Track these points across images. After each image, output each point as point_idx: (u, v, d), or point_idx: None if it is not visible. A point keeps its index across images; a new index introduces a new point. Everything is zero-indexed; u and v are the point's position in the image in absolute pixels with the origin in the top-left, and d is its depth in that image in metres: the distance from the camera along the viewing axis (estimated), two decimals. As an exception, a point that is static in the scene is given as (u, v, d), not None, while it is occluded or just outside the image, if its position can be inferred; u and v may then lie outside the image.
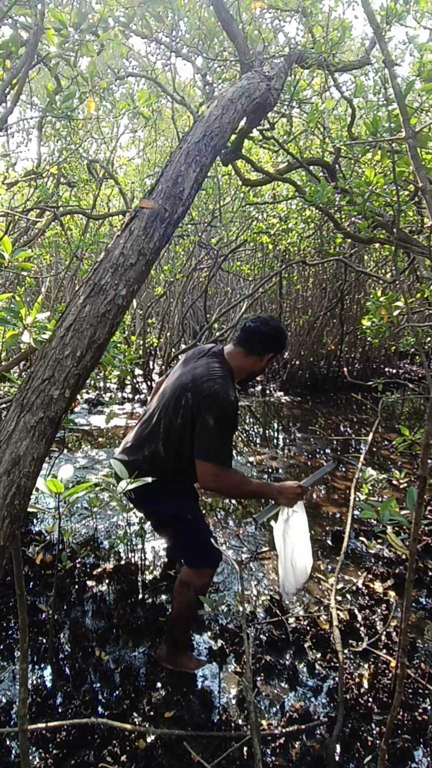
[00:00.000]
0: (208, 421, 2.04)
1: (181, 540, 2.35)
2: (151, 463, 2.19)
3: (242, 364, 2.26)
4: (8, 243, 1.80)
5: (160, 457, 2.18)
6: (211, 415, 2.05)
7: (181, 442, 2.14)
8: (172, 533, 2.42)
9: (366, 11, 1.80)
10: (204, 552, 2.21)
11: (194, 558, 2.27)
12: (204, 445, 2.06)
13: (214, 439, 2.05)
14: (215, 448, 2.06)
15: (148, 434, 2.24)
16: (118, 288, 1.39)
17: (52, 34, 2.24)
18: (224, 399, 2.06)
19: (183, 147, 1.78)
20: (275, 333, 2.26)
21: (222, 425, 2.07)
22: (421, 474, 1.19)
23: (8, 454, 1.20)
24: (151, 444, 2.21)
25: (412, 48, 4.25)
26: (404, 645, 1.32)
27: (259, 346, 2.24)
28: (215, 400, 2.06)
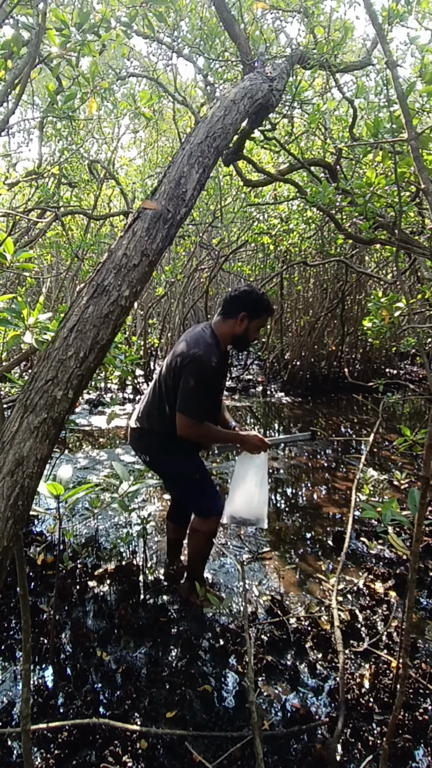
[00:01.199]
0: (189, 381, 2.36)
1: (191, 494, 2.69)
2: (162, 424, 2.52)
3: (224, 330, 2.52)
4: (10, 244, 1.80)
5: (163, 417, 2.51)
6: (192, 376, 2.36)
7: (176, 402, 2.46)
8: (182, 489, 2.75)
9: (368, 12, 1.80)
10: (210, 503, 2.60)
11: (202, 509, 2.63)
12: (183, 400, 2.38)
13: (192, 396, 2.37)
14: (192, 404, 2.38)
15: (152, 401, 2.57)
16: (121, 289, 1.39)
17: (53, 34, 2.24)
18: (205, 362, 2.36)
19: (185, 148, 1.78)
20: (245, 294, 2.50)
21: (199, 385, 2.37)
22: (424, 475, 1.20)
23: (12, 455, 1.21)
24: (157, 409, 2.54)
25: (413, 49, 4.26)
26: (406, 645, 1.32)
27: (232, 308, 2.50)
28: (196, 363, 2.37)
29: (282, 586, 3.06)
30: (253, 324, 2.52)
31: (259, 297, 2.51)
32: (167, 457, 2.61)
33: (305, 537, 3.69)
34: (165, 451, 2.60)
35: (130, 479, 2.65)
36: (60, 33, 2.27)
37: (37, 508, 2.23)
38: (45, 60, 2.58)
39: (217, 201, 6.61)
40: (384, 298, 3.19)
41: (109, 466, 4.79)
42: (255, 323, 2.52)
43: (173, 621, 2.73)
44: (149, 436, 2.61)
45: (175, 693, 2.27)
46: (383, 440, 6.01)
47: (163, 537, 3.60)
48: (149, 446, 2.65)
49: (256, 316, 2.51)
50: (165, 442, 2.57)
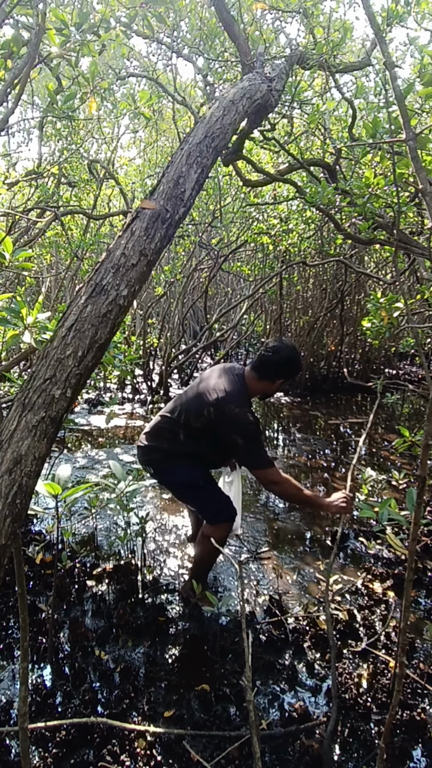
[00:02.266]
0: (238, 441, 2.45)
1: (199, 501, 2.76)
2: (171, 444, 2.67)
3: (256, 386, 2.63)
4: (9, 243, 1.81)
5: (179, 441, 2.65)
6: (239, 435, 2.45)
7: (199, 437, 2.61)
8: (190, 497, 2.81)
9: (367, 13, 1.81)
10: (219, 509, 2.67)
11: (211, 515, 2.69)
12: (248, 460, 2.50)
13: (251, 451, 2.45)
14: (256, 457, 2.46)
15: (170, 424, 2.68)
16: (120, 288, 1.40)
17: (53, 34, 2.24)
18: (244, 420, 2.45)
19: (184, 148, 1.78)
20: (284, 362, 2.56)
21: (250, 440, 2.45)
22: (421, 474, 1.20)
23: (10, 454, 1.21)
24: (171, 432, 2.67)
25: (412, 49, 4.26)
26: (403, 645, 1.33)
27: (270, 373, 2.58)
28: (237, 423, 2.45)
29: (280, 586, 3.06)
30: (276, 385, 2.64)
31: (295, 363, 2.62)
32: (170, 468, 2.71)
33: (304, 537, 3.69)
34: (168, 463, 2.70)
35: (127, 479, 2.65)
36: (60, 33, 2.28)
37: (35, 507, 2.24)
38: (45, 60, 2.59)
39: (217, 201, 6.61)
40: (383, 299, 3.19)
41: (108, 466, 4.79)
42: (278, 384, 2.64)
43: (172, 620, 2.73)
44: (154, 452, 2.73)
45: (173, 692, 2.27)
46: (382, 440, 6.02)
47: (162, 537, 3.60)
48: (152, 461, 2.76)
49: (285, 378, 2.63)
50: (168, 456, 2.69)
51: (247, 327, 9.44)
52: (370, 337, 3.47)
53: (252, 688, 1.66)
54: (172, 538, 3.59)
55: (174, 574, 3.14)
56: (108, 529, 3.70)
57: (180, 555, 3.36)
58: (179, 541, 3.53)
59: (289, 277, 8.13)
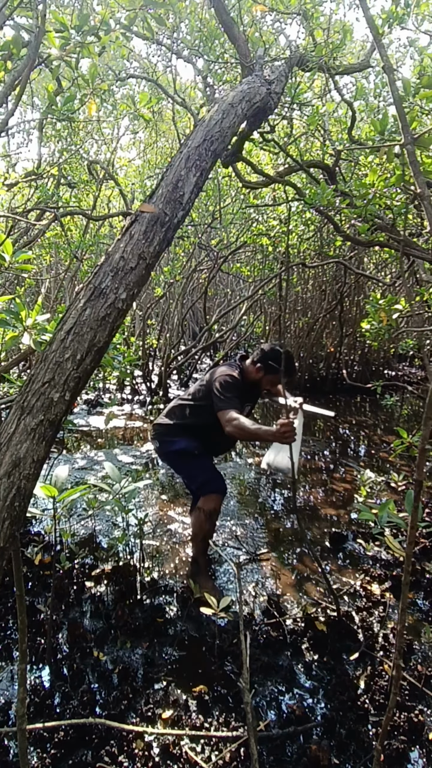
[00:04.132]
0: (216, 387, 2.89)
1: (191, 471, 3.08)
2: (179, 418, 3.12)
3: (249, 370, 3.08)
4: (9, 245, 1.81)
5: (185, 415, 3.11)
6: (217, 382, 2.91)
7: (201, 409, 3.03)
8: (183, 466, 3.13)
9: (366, 17, 1.81)
10: (209, 479, 2.98)
11: (203, 484, 2.99)
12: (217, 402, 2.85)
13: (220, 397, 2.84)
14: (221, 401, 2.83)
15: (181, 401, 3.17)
16: (119, 292, 1.40)
17: (53, 36, 2.25)
18: (226, 375, 2.93)
19: (183, 151, 1.79)
20: (268, 352, 3.02)
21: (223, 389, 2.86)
22: (417, 477, 1.21)
23: (8, 456, 1.21)
24: (181, 408, 3.14)
25: (413, 51, 4.27)
26: (400, 647, 1.33)
27: (257, 358, 3.05)
28: (220, 376, 2.93)
29: (279, 588, 3.07)
30: (266, 378, 3.04)
31: (274, 357, 2.98)
32: (172, 438, 3.09)
33: (302, 538, 3.70)
34: (172, 435, 3.10)
35: (122, 480, 2.66)
36: (60, 35, 2.28)
37: (33, 510, 2.24)
38: (45, 61, 2.59)
39: (216, 202, 6.62)
40: (382, 300, 3.20)
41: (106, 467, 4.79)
42: (268, 378, 3.04)
43: (170, 621, 2.74)
44: (163, 426, 3.15)
45: (171, 693, 2.27)
46: (381, 442, 6.03)
47: (161, 538, 3.60)
48: (161, 433, 3.15)
49: (270, 372, 3.02)
50: (173, 428, 3.11)
51: (247, 328, 9.45)
52: (369, 339, 3.48)
53: (250, 690, 1.66)
54: (171, 539, 3.60)
55: (173, 575, 3.15)
56: (107, 530, 3.70)
57: (179, 556, 3.37)
58: (178, 542, 3.53)
59: (289, 279, 8.13)
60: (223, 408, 2.79)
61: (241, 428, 2.71)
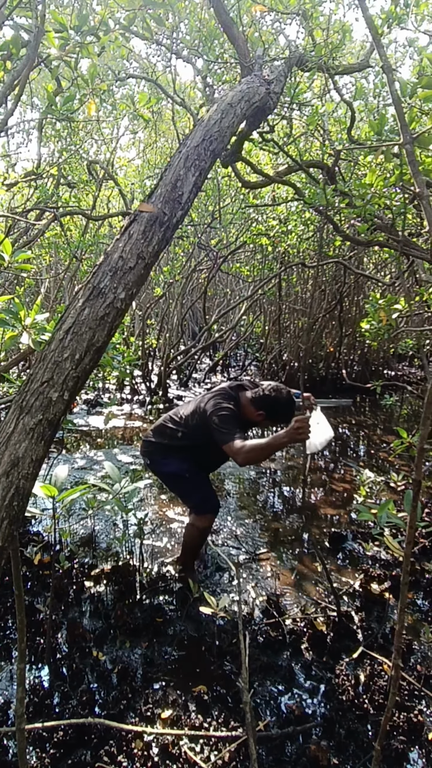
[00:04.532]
0: (214, 421, 2.78)
1: (185, 492, 3.07)
2: (170, 440, 3.03)
3: (247, 408, 2.93)
4: (8, 245, 1.81)
5: (177, 438, 3.01)
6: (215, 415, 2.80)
7: (194, 434, 2.94)
8: (177, 487, 3.13)
9: (365, 17, 1.81)
10: (202, 500, 2.97)
11: (196, 505, 3.00)
12: (219, 438, 2.73)
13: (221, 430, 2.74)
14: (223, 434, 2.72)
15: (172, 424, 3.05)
16: (117, 291, 1.40)
17: (52, 36, 2.25)
18: (222, 406, 2.82)
19: (182, 151, 1.79)
20: (273, 400, 2.90)
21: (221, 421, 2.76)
22: (416, 478, 1.21)
23: (7, 456, 1.21)
24: (172, 430, 3.03)
25: (412, 51, 4.27)
26: (399, 646, 1.33)
27: (260, 402, 2.91)
28: (216, 407, 2.82)
29: (278, 587, 3.07)
30: (259, 415, 2.93)
31: (277, 404, 2.89)
32: (164, 459, 3.05)
33: (302, 538, 3.70)
34: (163, 455, 3.05)
35: (122, 480, 2.66)
36: (59, 35, 2.28)
37: (32, 510, 2.24)
38: (44, 61, 2.59)
39: (216, 202, 6.62)
40: (382, 300, 3.20)
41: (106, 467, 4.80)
42: (261, 416, 2.93)
43: (169, 621, 2.74)
44: (153, 445, 3.08)
45: (170, 693, 2.27)
46: (381, 442, 6.03)
47: (160, 538, 3.60)
48: (151, 452, 3.09)
49: (266, 414, 2.92)
50: (164, 449, 3.04)
51: (246, 328, 9.45)
52: (368, 339, 3.47)
53: (249, 690, 1.66)
54: (171, 539, 3.60)
55: (172, 575, 3.15)
56: (106, 529, 3.70)
57: (178, 556, 3.36)
58: (177, 542, 3.53)
59: (288, 278, 8.14)
60: (228, 441, 2.67)
61: (254, 451, 2.61)
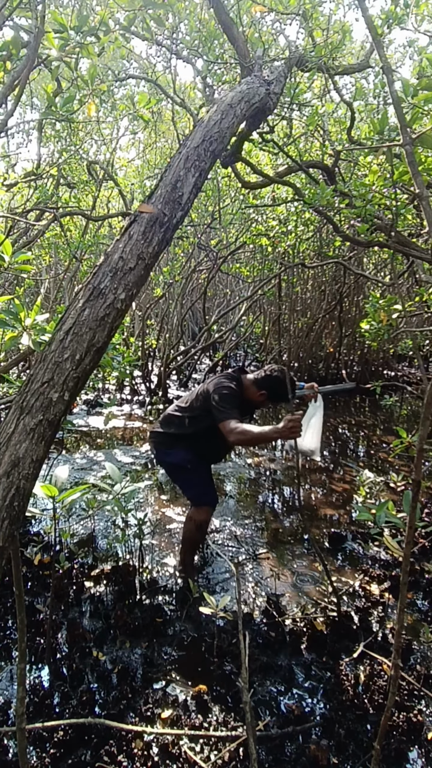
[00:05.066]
0: (214, 398, 2.84)
1: (185, 483, 3.13)
2: (177, 428, 3.07)
3: (250, 389, 3.00)
4: (8, 245, 1.81)
5: (184, 425, 3.05)
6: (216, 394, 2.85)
7: (200, 419, 2.98)
8: (178, 478, 3.19)
9: (365, 17, 1.82)
10: (200, 492, 3.04)
11: (194, 497, 3.06)
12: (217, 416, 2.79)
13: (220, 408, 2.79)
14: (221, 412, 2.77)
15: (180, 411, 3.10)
16: (117, 292, 1.41)
17: (52, 37, 2.25)
18: (225, 385, 2.88)
19: (182, 152, 1.79)
20: (274, 380, 2.95)
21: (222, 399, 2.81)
22: (415, 478, 1.21)
23: (8, 456, 1.22)
24: (179, 418, 3.08)
25: (412, 52, 4.27)
26: (399, 646, 1.33)
27: (262, 382, 2.99)
28: (218, 386, 2.89)
29: (278, 587, 3.07)
30: (261, 395, 2.98)
31: (279, 385, 2.91)
32: (169, 450, 3.10)
33: (301, 538, 3.70)
34: (168, 445, 3.10)
35: (122, 480, 2.66)
36: (59, 36, 2.28)
37: (33, 510, 2.25)
38: (44, 62, 2.59)
39: (216, 202, 6.62)
40: (382, 300, 3.20)
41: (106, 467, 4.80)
42: (263, 396, 2.99)
43: (169, 621, 2.74)
44: (161, 435, 3.13)
45: (170, 693, 2.28)
46: (380, 442, 6.03)
47: (160, 538, 3.61)
48: (158, 442, 3.15)
49: (274, 399, 3.02)
50: (171, 439, 3.08)
51: (246, 328, 9.45)
52: (368, 339, 3.47)
53: (249, 689, 1.66)
54: (170, 539, 3.60)
55: (172, 575, 3.15)
56: (106, 530, 3.71)
57: (178, 556, 3.37)
58: (177, 542, 3.53)
59: (288, 279, 8.14)
60: (224, 419, 2.74)
61: (245, 434, 2.68)
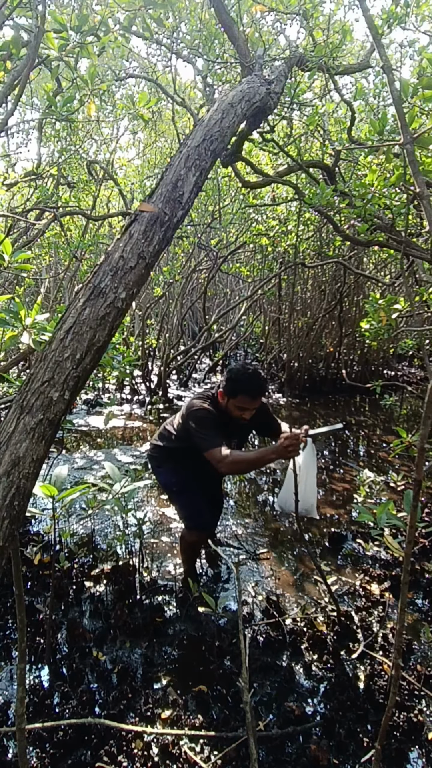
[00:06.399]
0: (191, 426, 2.64)
1: (176, 502, 3.02)
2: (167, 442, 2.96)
3: (220, 397, 2.70)
4: (8, 245, 1.81)
5: (173, 440, 2.92)
6: (191, 420, 2.65)
7: (183, 438, 2.80)
8: (170, 496, 3.10)
9: (365, 17, 1.81)
10: (189, 516, 2.93)
11: (184, 519, 3.00)
12: (198, 444, 2.58)
13: (199, 436, 2.58)
14: (203, 440, 2.56)
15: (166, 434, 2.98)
16: (118, 291, 1.40)
17: (52, 37, 2.25)
18: (198, 408, 2.66)
19: (183, 151, 1.79)
20: (228, 373, 2.64)
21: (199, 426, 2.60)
22: (416, 477, 1.21)
23: (8, 456, 1.21)
24: (169, 432, 2.96)
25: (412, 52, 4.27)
26: (399, 646, 1.33)
27: (225, 387, 2.65)
28: (191, 410, 2.68)
29: (278, 587, 3.07)
30: (231, 402, 2.62)
31: (234, 379, 2.58)
32: (159, 468, 3.04)
33: (302, 538, 3.69)
34: (158, 463, 3.03)
35: (122, 480, 2.66)
36: (59, 36, 2.28)
37: (32, 509, 2.24)
38: (44, 61, 2.59)
39: (216, 202, 6.62)
40: (382, 300, 3.19)
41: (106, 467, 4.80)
42: (232, 402, 2.61)
43: (169, 621, 2.74)
44: (155, 449, 3.04)
45: (170, 693, 2.27)
46: (381, 442, 6.03)
47: (160, 538, 3.61)
48: (152, 457, 3.08)
49: (232, 396, 2.60)
50: (162, 456, 3.00)
51: (246, 328, 9.45)
52: (368, 339, 3.47)
53: (249, 690, 1.66)
54: (171, 539, 3.60)
55: (172, 575, 3.15)
56: (106, 530, 3.70)
57: (178, 556, 3.36)
58: (177, 542, 3.53)
59: (288, 279, 8.14)
60: (207, 448, 2.49)
61: (237, 462, 2.46)
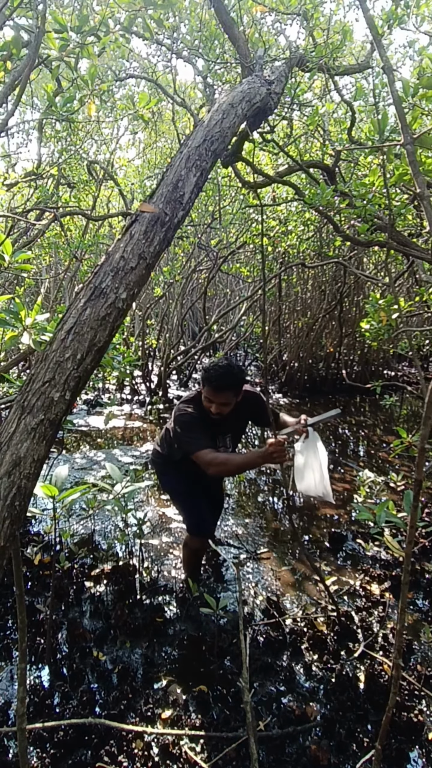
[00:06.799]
0: (177, 430, 2.69)
1: (179, 507, 3.04)
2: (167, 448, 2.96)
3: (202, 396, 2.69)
4: (9, 245, 1.81)
5: (172, 446, 2.89)
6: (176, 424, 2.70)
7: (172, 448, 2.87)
8: (173, 501, 3.12)
9: (365, 17, 1.81)
10: (189, 522, 2.90)
11: (187, 524, 2.94)
12: (184, 448, 2.64)
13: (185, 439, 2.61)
14: (188, 443, 2.59)
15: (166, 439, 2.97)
16: (119, 291, 1.40)
17: (52, 37, 2.25)
18: (181, 411, 2.68)
19: (183, 151, 1.79)
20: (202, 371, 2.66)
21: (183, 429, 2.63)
22: (417, 477, 1.21)
23: (9, 456, 1.21)
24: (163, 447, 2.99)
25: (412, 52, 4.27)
26: (399, 646, 1.33)
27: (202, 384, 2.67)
28: (176, 414, 2.72)
29: (278, 587, 3.07)
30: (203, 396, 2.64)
31: (203, 373, 2.62)
32: (160, 474, 3.09)
33: (302, 538, 3.70)
34: (160, 469, 3.07)
35: (123, 480, 2.66)
36: (59, 36, 2.28)
37: (33, 509, 2.25)
38: (44, 62, 2.59)
39: (216, 202, 6.62)
40: (382, 300, 3.20)
41: (107, 467, 4.80)
42: (203, 395, 2.64)
43: (169, 621, 2.74)
44: (157, 455, 3.07)
45: (170, 693, 2.27)
46: (381, 442, 6.03)
47: (160, 538, 3.61)
48: (154, 462, 3.11)
49: (202, 389, 2.65)
50: (162, 462, 3.03)
51: (246, 328, 9.45)
52: (368, 339, 3.47)
53: (249, 690, 1.66)
54: (171, 539, 3.60)
55: (172, 575, 3.15)
56: (106, 530, 3.71)
57: (178, 556, 3.37)
58: (177, 542, 3.53)
59: (288, 279, 8.14)
60: (194, 451, 2.52)
61: (224, 464, 2.47)
